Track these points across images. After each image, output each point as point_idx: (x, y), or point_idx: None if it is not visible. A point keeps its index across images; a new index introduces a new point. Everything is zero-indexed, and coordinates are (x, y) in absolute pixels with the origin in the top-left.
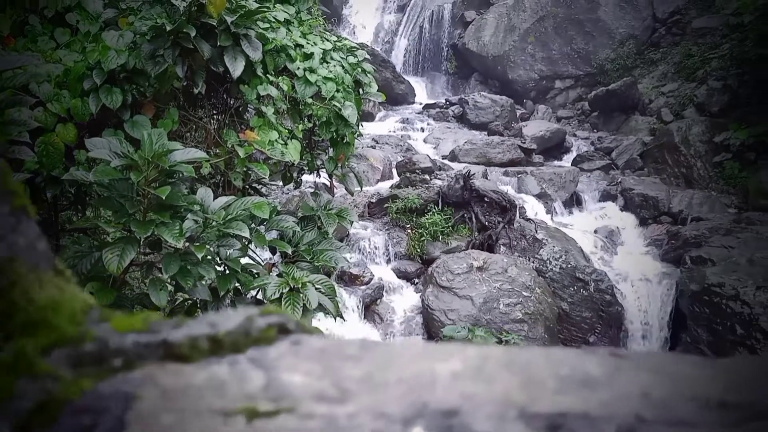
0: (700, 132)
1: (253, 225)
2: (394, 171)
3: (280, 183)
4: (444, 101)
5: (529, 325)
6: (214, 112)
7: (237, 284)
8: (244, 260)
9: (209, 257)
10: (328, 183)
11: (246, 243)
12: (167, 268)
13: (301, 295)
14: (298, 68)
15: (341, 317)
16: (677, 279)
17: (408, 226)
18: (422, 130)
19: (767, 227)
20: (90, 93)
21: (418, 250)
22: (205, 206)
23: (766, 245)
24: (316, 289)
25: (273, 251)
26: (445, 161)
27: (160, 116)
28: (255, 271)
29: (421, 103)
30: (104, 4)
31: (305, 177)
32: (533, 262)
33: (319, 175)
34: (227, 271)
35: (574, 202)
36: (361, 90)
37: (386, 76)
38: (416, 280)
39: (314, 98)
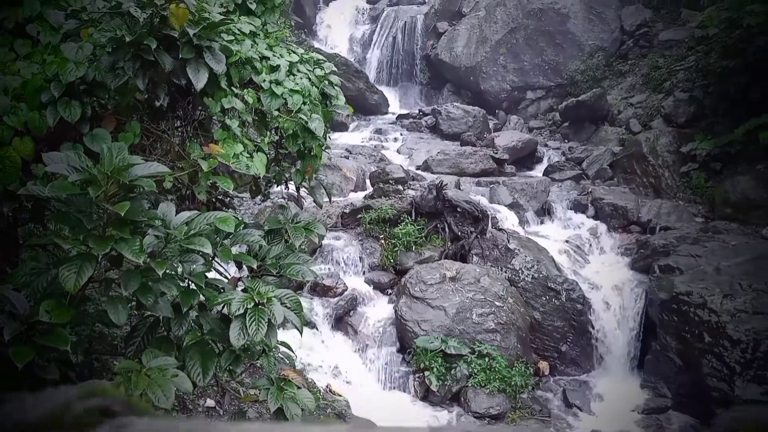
0: (667, 142)
1: (218, 239)
2: (368, 181)
3: (248, 195)
4: (417, 111)
5: (502, 334)
6: (178, 124)
7: (202, 299)
8: (212, 274)
9: (171, 273)
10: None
11: (211, 258)
12: (127, 285)
13: (266, 310)
14: (264, 81)
15: (316, 328)
16: (646, 287)
17: (381, 236)
18: (396, 140)
19: (733, 236)
20: (48, 106)
21: (392, 260)
22: (167, 221)
23: (732, 254)
24: (282, 303)
25: (239, 265)
26: (419, 171)
27: (122, 129)
28: (220, 286)
29: (394, 114)
30: (66, 15)
31: (278, 188)
32: (506, 272)
33: (287, 187)
34: (191, 287)
35: (545, 211)
36: (328, 102)
37: (360, 87)
38: (389, 291)
39: (281, 111)
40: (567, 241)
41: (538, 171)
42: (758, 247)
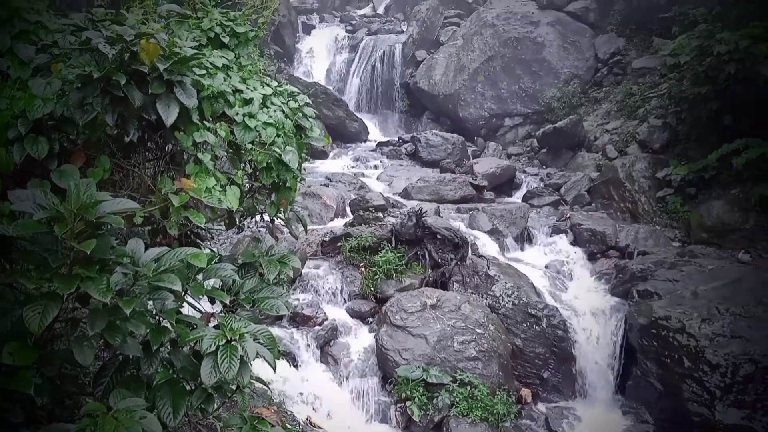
0: (643, 168)
1: (190, 274)
2: (348, 209)
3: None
4: (397, 139)
5: (483, 362)
6: (150, 158)
7: (174, 335)
8: (185, 308)
9: (141, 310)
10: (279, 224)
11: (183, 293)
12: (93, 325)
13: (239, 347)
14: (237, 114)
15: (295, 363)
16: (626, 313)
17: (361, 264)
18: (375, 167)
19: (709, 260)
20: (14, 142)
21: (372, 288)
22: (136, 258)
23: (708, 278)
24: (255, 339)
25: (213, 300)
26: (399, 198)
27: (91, 164)
28: (192, 322)
29: (374, 141)
30: (37, 50)
31: (255, 219)
32: (486, 299)
33: (263, 219)
34: (162, 324)
35: (525, 237)
36: (302, 134)
37: (339, 115)
38: (370, 320)
39: (254, 143)
40: (547, 267)
41: (517, 197)
42: (734, 272)
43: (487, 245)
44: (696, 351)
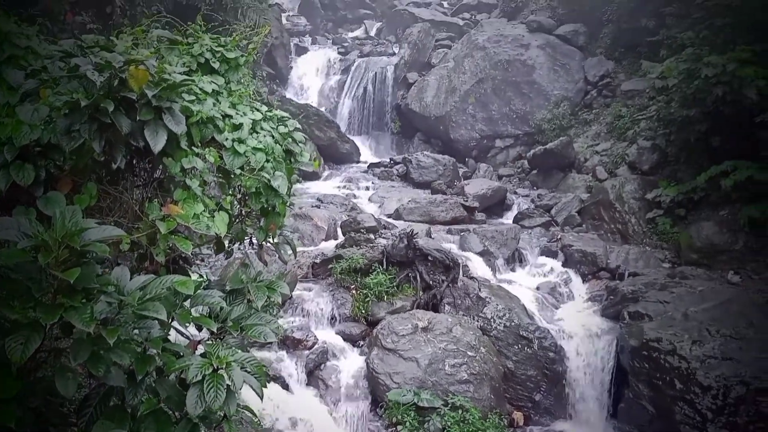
0: (632, 189)
1: (177, 301)
2: (339, 230)
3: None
4: (389, 160)
5: (475, 385)
6: (138, 184)
7: (161, 363)
8: (172, 334)
9: (126, 338)
10: (269, 247)
11: (169, 322)
12: (76, 355)
13: (226, 375)
14: (227, 139)
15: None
16: (617, 334)
17: (353, 286)
18: (367, 188)
19: (699, 281)
20: (0, 169)
21: (363, 311)
22: (121, 287)
23: (699, 299)
24: (242, 368)
25: (200, 327)
26: (390, 220)
27: (78, 191)
28: (179, 350)
29: (366, 162)
30: (26, 75)
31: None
32: (477, 321)
33: (252, 244)
34: (148, 352)
35: (516, 259)
36: (292, 159)
37: (331, 136)
38: (361, 343)
39: (243, 169)
40: (538, 289)
41: (508, 218)
42: (724, 293)
43: (479, 267)
44: (687, 373)
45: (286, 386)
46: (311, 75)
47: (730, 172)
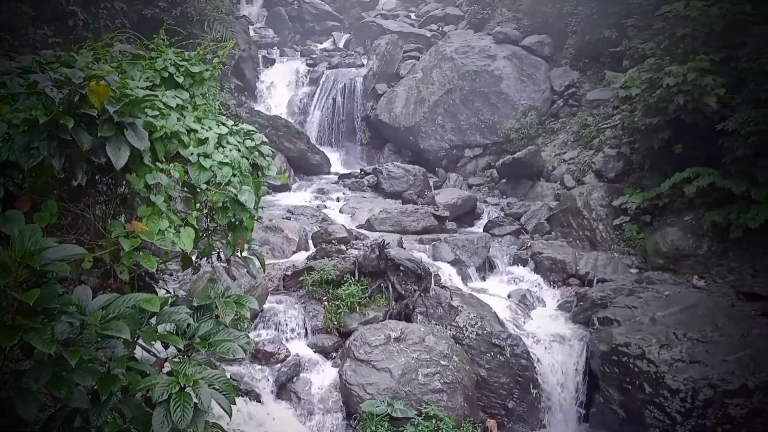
0: (599, 197)
1: (142, 319)
2: (310, 242)
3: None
4: (359, 171)
5: (448, 394)
6: (100, 201)
7: (125, 383)
8: (138, 352)
9: (89, 358)
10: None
11: (133, 340)
12: (37, 377)
13: (193, 394)
14: (192, 153)
15: (258, 400)
16: (587, 340)
17: (324, 298)
18: (338, 200)
19: (666, 286)
20: None
21: (335, 322)
22: (83, 306)
23: (665, 304)
24: (210, 385)
25: (167, 345)
26: (362, 230)
27: (38, 209)
28: (145, 369)
29: (336, 173)
30: None
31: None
32: (450, 330)
33: (219, 259)
34: (112, 372)
35: (487, 267)
36: (259, 173)
37: (301, 147)
38: (334, 354)
39: (210, 184)
40: (509, 296)
41: (478, 227)
42: (690, 297)
43: (450, 276)
44: (656, 377)
45: (258, 400)
46: (280, 87)
47: (693, 179)
